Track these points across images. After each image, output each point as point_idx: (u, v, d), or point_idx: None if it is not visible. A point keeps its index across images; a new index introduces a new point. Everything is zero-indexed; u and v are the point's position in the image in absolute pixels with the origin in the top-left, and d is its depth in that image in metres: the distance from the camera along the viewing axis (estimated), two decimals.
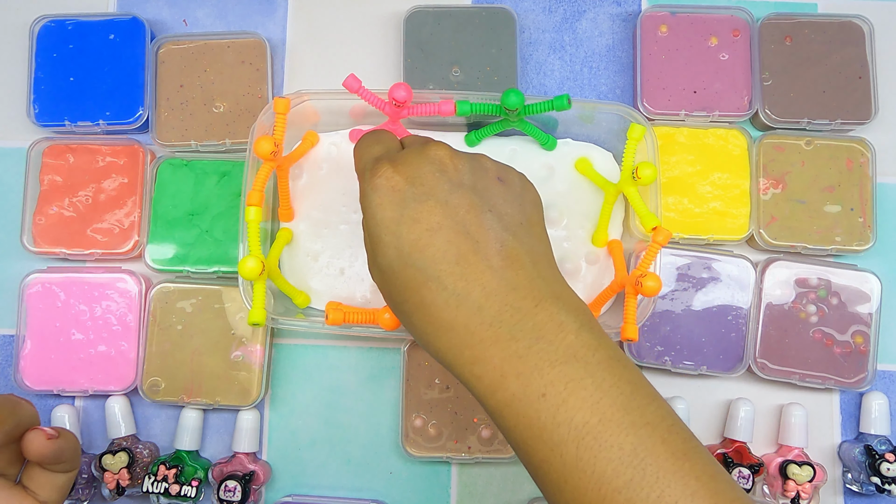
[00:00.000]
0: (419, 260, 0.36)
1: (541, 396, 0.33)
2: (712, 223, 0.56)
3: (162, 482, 0.53)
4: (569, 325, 0.35)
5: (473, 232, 0.37)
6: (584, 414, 0.32)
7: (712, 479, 0.32)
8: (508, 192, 0.40)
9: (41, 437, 0.37)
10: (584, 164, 0.55)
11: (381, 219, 0.38)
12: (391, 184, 0.38)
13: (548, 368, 0.33)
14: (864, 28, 0.58)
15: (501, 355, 0.34)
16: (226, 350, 0.56)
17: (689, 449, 0.32)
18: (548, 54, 0.61)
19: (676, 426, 0.33)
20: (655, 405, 0.34)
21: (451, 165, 0.39)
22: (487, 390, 0.35)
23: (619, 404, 0.33)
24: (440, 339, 0.36)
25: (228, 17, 0.62)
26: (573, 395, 0.33)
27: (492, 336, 0.35)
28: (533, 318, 0.35)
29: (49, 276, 0.57)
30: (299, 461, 0.57)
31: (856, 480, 0.55)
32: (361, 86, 0.49)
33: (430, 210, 0.37)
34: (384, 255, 0.38)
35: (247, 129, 0.57)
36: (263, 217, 0.50)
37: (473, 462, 0.55)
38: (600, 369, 0.34)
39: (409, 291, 0.37)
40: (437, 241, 0.36)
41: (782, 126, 0.58)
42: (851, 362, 0.55)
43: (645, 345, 0.56)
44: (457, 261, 0.36)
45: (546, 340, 0.34)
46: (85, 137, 0.58)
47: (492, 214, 0.38)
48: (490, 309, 0.35)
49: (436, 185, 0.38)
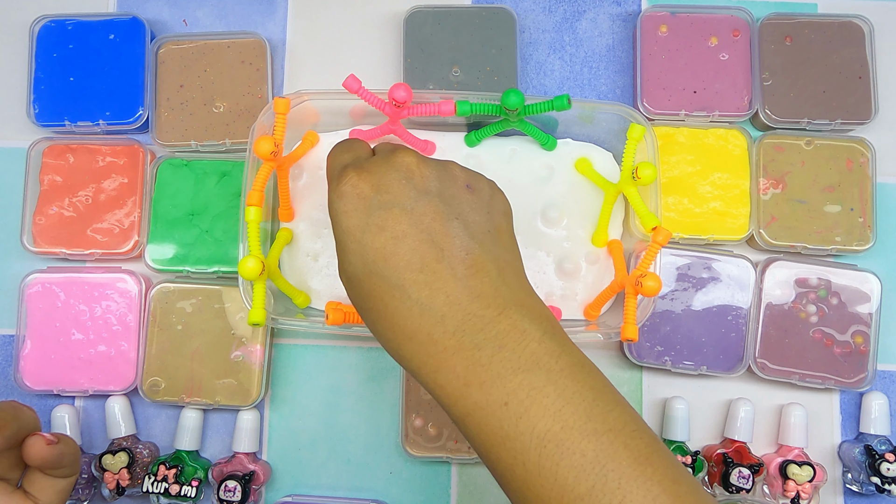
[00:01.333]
0: (383, 268, 0.36)
1: (503, 405, 0.33)
2: (712, 223, 0.56)
3: (162, 482, 0.53)
4: (532, 333, 0.35)
5: (439, 240, 0.36)
6: (546, 422, 0.32)
7: (674, 482, 0.32)
8: (477, 200, 0.40)
9: (42, 443, 0.37)
10: (584, 164, 0.55)
11: (347, 226, 0.37)
12: (357, 191, 0.38)
13: (510, 377, 0.33)
14: (864, 28, 0.58)
15: (464, 364, 0.34)
16: (226, 350, 0.56)
17: (651, 453, 0.32)
18: (548, 54, 0.61)
19: (639, 430, 0.33)
20: (619, 410, 0.33)
21: (418, 173, 0.39)
22: (451, 399, 0.35)
23: (582, 411, 0.32)
24: (404, 347, 0.36)
25: (228, 17, 0.62)
26: (535, 403, 0.33)
27: (455, 345, 0.34)
28: (496, 326, 0.35)
29: (49, 276, 0.57)
30: (299, 461, 0.57)
31: (856, 480, 0.55)
32: (361, 86, 0.49)
33: (396, 218, 0.37)
34: (349, 263, 0.37)
35: (247, 129, 0.57)
36: (263, 217, 0.50)
37: (473, 462, 0.55)
38: (563, 376, 0.33)
39: (374, 299, 0.37)
40: (402, 249, 0.36)
41: (782, 126, 0.58)
42: (851, 362, 0.55)
43: (645, 345, 0.56)
44: (421, 269, 0.36)
45: (508, 349, 0.34)
46: (85, 137, 0.58)
47: (458, 222, 0.37)
48: (453, 317, 0.35)
49: (401, 193, 0.37)
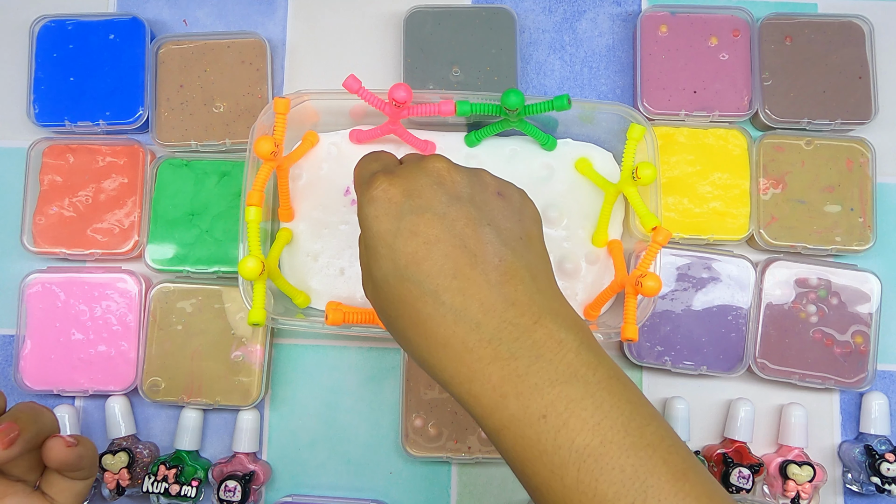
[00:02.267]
0: (415, 273, 0.35)
1: (541, 418, 0.32)
2: (712, 223, 0.56)
3: (162, 482, 0.53)
4: (569, 343, 0.34)
5: (471, 246, 0.36)
6: (585, 436, 0.32)
7: (711, 499, 0.31)
8: (508, 206, 0.39)
9: (61, 445, 0.37)
10: (584, 164, 0.55)
11: (378, 231, 0.37)
12: (388, 195, 0.37)
13: (548, 388, 0.33)
14: (864, 28, 0.58)
15: (500, 374, 0.33)
16: (226, 350, 0.56)
17: (687, 469, 0.32)
18: (548, 54, 0.61)
19: (676, 446, 0.33)
20: (655, 425, 0.33)
21: (449, 178, 0.38)
22: (486, 410, 0.34)
23: (620, 425, 0.32)
24: (435, 355, 0.35)
25: (228, 17, 0.62)
26: (574, 416, 0.32)
27: (490, 353, 0.34)
28: (532, 335, 0.34)
29: (49, 276, 0.57)
30: (299, 461, 0.57)
31: (856, 480, 0.55)
32: (361, 86, 0.49)
33: (428, 222, 0.36)
34: (379, 268, 0.37)
35: (247, 129, 0.57)
36: (263, 217, 0.50)
37: (473, 462, 0.55)
38: (600, 389, 0.33)
39: (405, 306, 0.36)
40: (435, 254, 0.35)
41: (782, 126, 0.58)
42: (851, 362, 0.55)
43: (645, 345, 0.56)
44: (454, 275, 0.35)
45: (546, 359, 0.33)
46: (85, 137, 0.58)
47: (490, 228, 0.37)
48: (488, 325, 0.34)
49: (433, 198, 0.37)
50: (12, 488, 0.37)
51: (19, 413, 0.37)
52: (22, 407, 0.37)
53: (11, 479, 0.38)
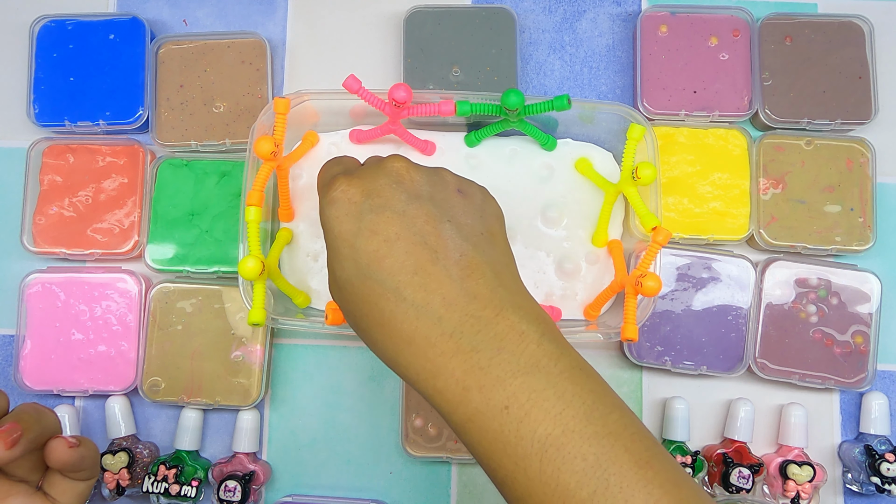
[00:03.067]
0: (377, 272, 0.36)
1: (504, 409, 0.32)
2: (712, 223, 0.56)
3: (162, 482, 0.53)
4: (530, 335, 0.34)
5: (432, 242, 0.36)
6: (547, 426, 0.32)
7: (676, 486, 0.31)
8: (468, 204, 0.39)
9: (63, 446, 0.37)
10: (584, 164, 0.55)
11: (339, 232, 0.37)
12: (347, 196, 0.37)
13: (510, 380, 0.33)
14: (864, 28, 0.58)
15: (463, 367, 0.33)
16: (226, 350, 0.56)
17: (651, 456, 0.32)
18: (548, 54, 0.61)
19: (639, 434, 0.33)
20: (618, 413, 0.33)
21: (408, 177, 0.38)
22: (450, 405, 0.34)
23: (582, 414, 0.32)
24: (401, 353, 0.35)
25: (228, 17, 0.62)
26: (536, 406, 0.32)
27: (453, 347, 0.34)
28: (494, 327, 0.34)
29: (49, 276, 0.57)
30: (299, 461, 0.57)
31: (856, 480, 0.55)
32: (361, 86, 0.49)
33: (387, 221, 0.36)
34: (343, 269, 0.37)
35: (247, 129, 0.57)
36: (263, 217, 0.50)
37: (473, 462, 0.55)
38: (562, 379, 0.33)
39: (368, 305, 0.36)
40: (395, 251, 0.36)
41: (782, 126, 0.58)
42: (851, 362, 0.55)
43: (645, 345, 0.56)
44: (415, 271, 0.35)
45: (508, 351, 0.33)
46: (85, 137, 0.58)
47: (451, 225, 0.37)
48: (450, 319, 0.34)
49: (392, 197, 0.37)
50: (15, 489, 0.37)
51: (22, 414, 0.37)
52: (25, 408, 0.37)
53: (14, 479, 0.38)
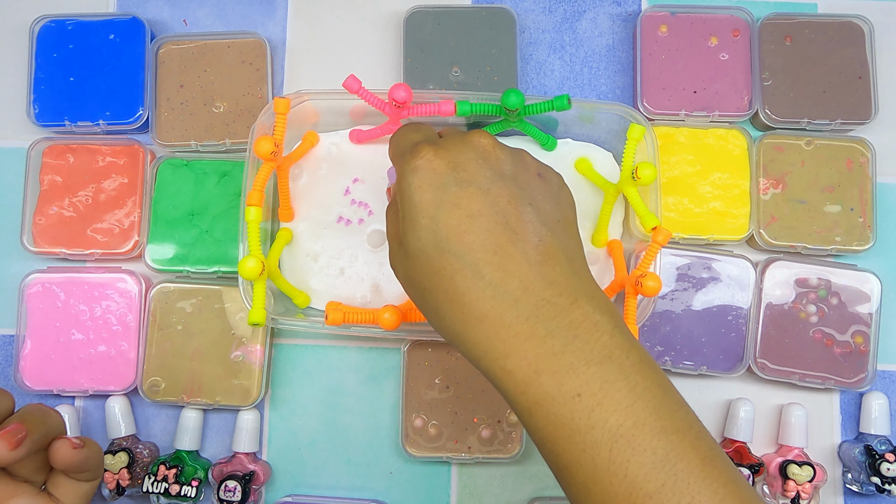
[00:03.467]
0: (456, 246, 0.35)
1: (576, 396, 0.32)
2: (712, 223, 0.56)
3: (162, 482, 0.53)
4: (604, 326, 0.34)
5: (513, 223, 0.36)
6: (619, 417, 0.32)
7: (737, 485, 0.32)
8: (547, 188, 0.40)
9: (67, 446, 0.37)
10: (584, 164, 0.55)
11: (420, 201, 0.37)
12: (432, 166, 0.37)
13: (583, 368, 0.33)
14: (864, 28, 0.58)
15: (536, 351, 0.33)
16: (226, 350, 0.56)
17: (714, 456, 0.32)
18: (548, 54, 0.61)
19: (703, 433, 0.33)
20: (684, 411, 0.33)
21: (494, 155, 0.38)
22: (519, 387, 0.34)
23: (652, 408, 0.32)
24: (470, 329, 0.35)
25: (228, 17, 0.62)
26: (608, 396, 0.32)
27: (527, 330, 0.34)
28: (569, 315, 0.34)
29: (49, 276, 0.57)
30: (299, 461, 0.57)
31: (856, 480, 0.55)
32: (361, 86, 0.49)
33: (472, 196, 0.36)
34: (418, 238, 0.37)
35: (247, 129, 0.57)
36: (263, 217, 0.50)
37: (473, 462, 0.55)
38: (634, 372, 0.33)
39: (441, 278, 0.36)
40: (477, 228, 0.36)
41: (782, 126, 0.58)
42: (851, 362, 0.55)
43: (645, 345, 0.56)
44: (495, 251, 0.35)
45: (582, 339, 0.34)
46: (85, 137, 0.58)
47: (531, 208, 0.37)
48: (527, 303, 0.34)
49: (478, 172, 0.37)
50: (19, 489, 0.37)
51: (27, 414, 0.37)
52: (30, 408, 0.37)
53: (18, 479, 0.38)
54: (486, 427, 0.55)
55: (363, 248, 0.54)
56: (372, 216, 0.55)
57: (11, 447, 0.34)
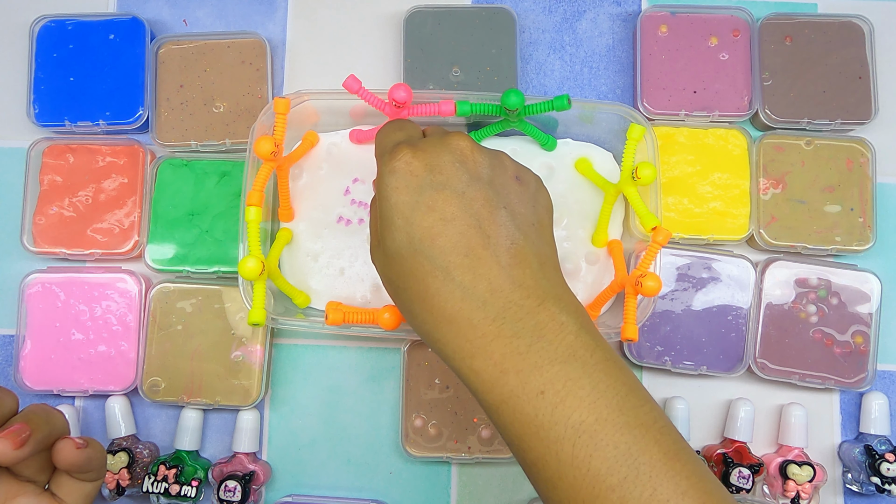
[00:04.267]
0: (429, 248, 0.36)
1: (539, 394, 0.33)
2: (712, 223, 0.56)
3: (162, 482, 0.53)
4: (569, 326, 0.35)
5: (486, 227, 0.37)
6: (581, 413, 0.33)
7: (701, 479, 0.32)
8: (524, 192, 0.40)
9: (71, 447, 0.37)
10: (584, 164, 0.55)
11: (396, 202, 0.38)
12: (409, 168, 0.38)
13: (547, 366, 0.34)
14: (864, 28, 0.58)
15: (502, 351, 0.34)
16: (226, 350, 0.56)
17: (679, 450, 0.33)
18: (548, 54, 0.61)
19: (667, 428, 0.34)
20: (648, 407, 0.34)
21: (471, 158, 0.39)
22: (485, 385, 0.35)
23: (615, 405, 0.33)
24: (440, 329, 0.36)
25: (228, 17, 0.62)
26: (571, 394, 0.33)
27: (494, 331, 0.35)
28: (535, 316, 0.35)
29: (49, 276, 0.57)
30: (299, 461, 0.57)
31: (856, 480, 0.55)
32: (361, 86, 0.49)
33: (446, 199, 0.37)
34: (393, 240, 0.38)
35: (247, 129, 0.57)
36: (263, 217, 0.50)
37: (473, 462, 0.55)
38: (597, 370, 0.34)
39: (414, 279, 0.37)
40: (450, 231, 0.36)
41: (782, 126, 0.58)
42: (851, 362, 0.55)
43: (645, 345, 0.56)
44: (466, 253, 0.36)
45: (547, 339, 0.34)
46: (85, 137, 0.58)
47: (506, 211, 0.38)
48: (494, 304, 0.35)
49: (454, 176, 0.38)
50: (23, 489, 0.38)
51: (31, 414, 0.37)
52: (34, 408, 0.38)
53: (22, 479, 0.38)
54: (486, 427, 0.55)
55: (363, 248, 0.54)
56: None
57: (15, 447, 0.35)
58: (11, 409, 0.37)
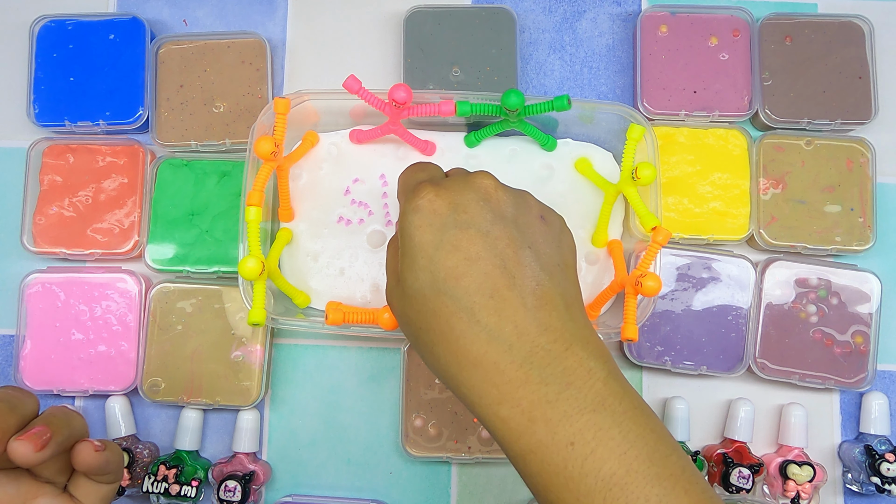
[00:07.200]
0: (453, 288, 0.35)
1: (569, 445, 0.33)
2: (712, 223, 0.56)
3: (162, 482, 0.53)
4: (597, 373, 0.34)
5: (511, 267, 0.36)
6: (612, 465, 0.32)
7: None
8: (548, 232, 0.39)
9: (90, 449, 0.37)
10: (584, 164, 0.55)
11: (419, 241, 0.37)
12: (433, 207, 0.37)
13: (577, 416, 0.33)
14: (864, 28, 0.58)
15: (530, 398, 0.34)
16: (226, 350, 0.56)
17: (707, 499, 0.32)
18: (548, 54, 0.61)
19: (695, 476, 0.33)
20: (676, 455, 0.34)
21: (496, 197, 0.38)
22: (513, 434, 0.34)
23: (645, 455, 0.32)
24: (464, 373, 0.35)
25: (228, 17, 0.62)
26: (601, 444, 0.32)
27: (521, 377, 0.34)
28: (563, 362, 0.34)
29: (49, 276, 0.57)
30: (299, 461, 0.57)
31: (856, 480, 0.55)
32: (361, 86, 0.49)
33: (471, 239, 0.36)
34: (416, 279, 0.37)
35: (247, 129, 0.57)
36: (263, 217, 0.50)
37: (473, 462, 0.55)
38: (626, 419, 0.33)
39: (437, 320, 0.36)
40: (475, 271, 0.36)
41: (782, 126, 0.58)
42: (851, 362, 0.55)
43: (645, 345, 0.56)
44: (492, 294, 0.35)
45: (575, 387, 0.34)
46: (85, 137, 0.58)
47: (531, 252, 0.37)
48: (521, 348, 0.34)
49: (478, 215, 0.37)
50: (42, 490, 0.38)
51: (52, 417, 0.37)
52: (54, 411, 0.38)
53: (41, 480, 0.38)
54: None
55: (363, 248, 0.54)
56: (372, 216, 0.55)
57: (37, 449, 0.35)
58: (33, 412, 0.37)
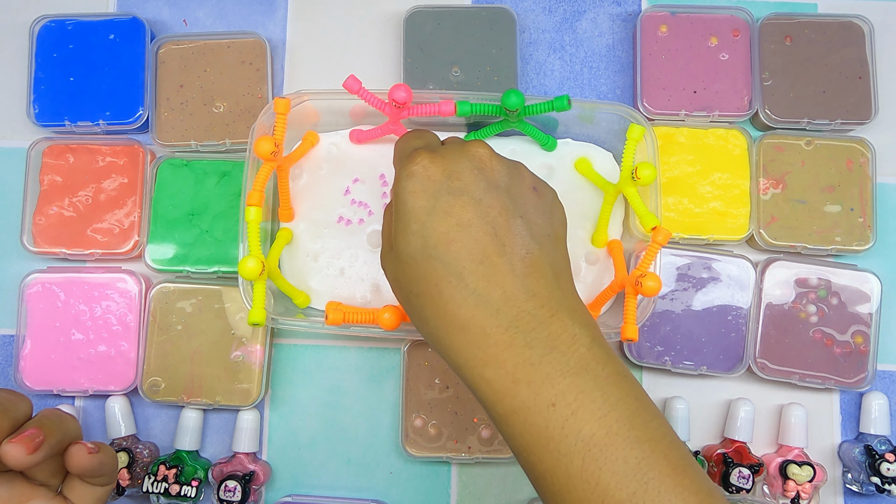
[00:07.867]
0: (444, 253, 0.36)
1: (550, 406, 0.33)
2: (712, 223, 0.56)
3: (162, 482, 0.53)
4: (582, 339, 0.35)
5: (502, 235, 0.37)
6: (592, 426, 0.33)
7: (709, 494, 0.32)
8: (541, 203, 0.40)
9: (83, 451, 0.37)
10: (584, 164, 0.55)
11: (413, 206, 0.38)
12: (427, 173, 0.38)
13: (559, 378, 0.34)
14: (864, 28, 0.58)
15: (514, 361, 0.34)
16: (226, 350, 0.56)
17: (687, 465, 0.33)
18: (548, 54, 0.61)
19: (676, 443, 0.34)
20: (658, 422, 0.34)
21: (490, 166, 0.39)
22: (496, 395, 0.35)
23: (626, 419, 0.33)
24: (452, 336, 0.36)
25: (228, 17, 0.62)
26: (582, 406, 0.33)
27: (507, 340, 0.35)
28: (548, 327, 0.35)
29: (49, 276, 0.57)
30: (299, 461, 0.57)
31: (856, 480, 0.55)
32: (361, 87, 0.49)
33: (463, 205, 0.37)
34: (408, 243, 0.38)
35: (247, 129, 0.57)
36: (263, 217, 0.50)
37: (473, 462, 0.55)
38: (609, 383, 0.34)
39: (427, 284, 0.37)
40: (465, 237, 0.36)
41: (782, 126, 0.58)
42: (851, 362, 0.55)
43: (645, 345, 0.56)
44: (481, 260, 0.36)
45: (559, 351, 0.34)
46: (85, 137, 0.58)
47: (522, 221, 0.38)
48: (508, 313, 0.35)
49: (472, 182, 0.38)
50: (36, 492, 0.38)
51: (44, 419, 0.37)
52: (47, 413, 0.38)
53: (35, 483, 0.38)
54: (486, 427, 0.55)
55: (363, 248, 0.54)
56: (372, 216, 0.55)
57: (29, 451, 0.35)
58: (26, 414, 0.37)
